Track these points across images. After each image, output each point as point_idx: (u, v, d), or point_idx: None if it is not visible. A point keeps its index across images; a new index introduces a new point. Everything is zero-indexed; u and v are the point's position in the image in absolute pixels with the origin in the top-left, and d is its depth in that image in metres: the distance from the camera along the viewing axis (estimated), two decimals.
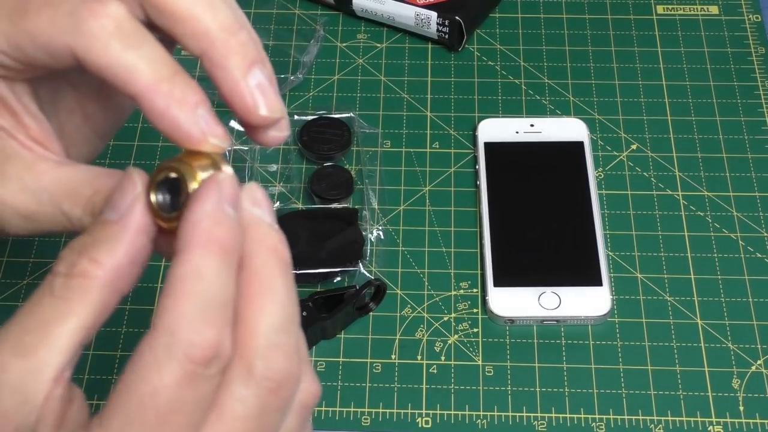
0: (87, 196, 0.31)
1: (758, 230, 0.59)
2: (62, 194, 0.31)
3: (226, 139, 0.30)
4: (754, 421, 0.52)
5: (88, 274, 0.28)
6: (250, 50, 0.31)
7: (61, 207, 0.31)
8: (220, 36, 0.30)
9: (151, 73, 0.29)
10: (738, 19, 0.69)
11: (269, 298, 0.29)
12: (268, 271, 0.29)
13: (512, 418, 0.52)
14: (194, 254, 0.27)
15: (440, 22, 0.65)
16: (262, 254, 0.29)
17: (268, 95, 0.31)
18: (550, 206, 0.59)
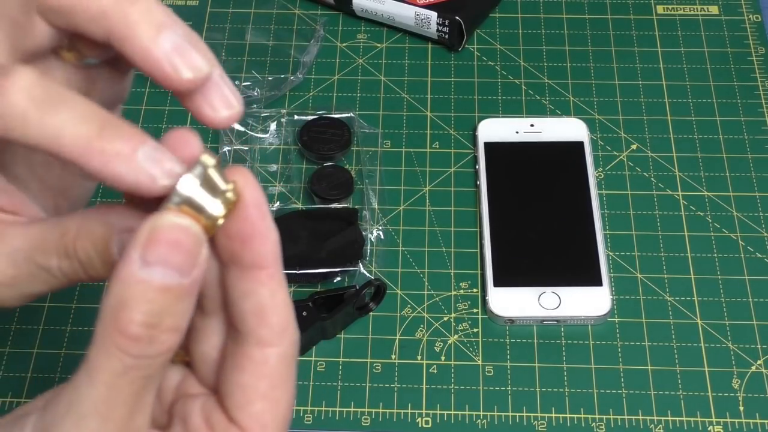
0: (56, 241, 0.30)
1: (758, 230, 0.59)
2: (34, 249, 0.30)
3: (176, 171, 0.28)
4: (754, 421, 0.52)
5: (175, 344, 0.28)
6: (155, 15, 0.28)
7: (36, 261, 0.30)
8: (116, 8, 0.28)
9: (78, 136, 0.27)
10: (738, 19, 0.69)
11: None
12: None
13: (512, 418, 0.52)
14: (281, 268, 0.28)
15: (440, 22, 0.65)
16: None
17: (187, 54, 0.28)
18: (550, 206, 0.59)
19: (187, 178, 0.27)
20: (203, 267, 0.27)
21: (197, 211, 0.27)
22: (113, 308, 0.26)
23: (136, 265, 0.26)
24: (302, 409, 0.53)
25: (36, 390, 0.53)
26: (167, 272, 0.26)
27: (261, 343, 0.29)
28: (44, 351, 0.55)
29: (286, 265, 0.55)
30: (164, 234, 0.26)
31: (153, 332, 0.26)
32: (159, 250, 0.26)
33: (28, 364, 0.54)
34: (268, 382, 0.29)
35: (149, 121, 0.64)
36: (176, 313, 0.27)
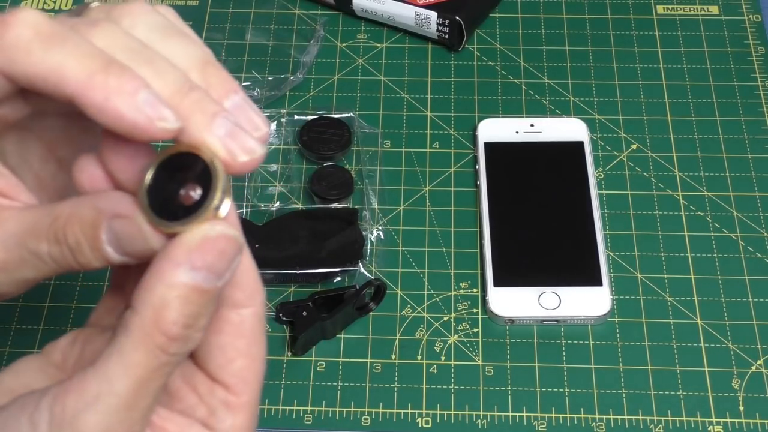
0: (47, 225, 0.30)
1: (758, 230, 0.59)
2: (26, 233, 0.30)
3: (174, 120, 0.28)
4: (754, 421, 0.52)
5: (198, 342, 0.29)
6: (206, 104, 0.29)
7: (27, 246, 0.30)
8: (172, 101, 0.28)
9: (81, 69, 0.27)
10: (738, 19, 0.69)
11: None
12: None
13: (512, 418, 0.52)
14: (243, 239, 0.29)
15: (440, 22, 0.65)
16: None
17: (240, 138, 0.29)
18: (550, 206, 0.59)
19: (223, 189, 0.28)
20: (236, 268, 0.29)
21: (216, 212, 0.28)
22: (155, 309, 0.27)
23: (182, 269, 0.27)
24: (302, 409, 0.53)
25: None
26: (209, 276, 0.28)
27: (236, 306, 0.31)
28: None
29: (286, 265, 0.56)
30: (215, 243, 0.28)
31: (190, 332, 0.28)
32: (207, 258, 0.28)
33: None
34: (246, 341, 0.31)
35: None
36: (208, 312, 0.28)
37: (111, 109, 0.27)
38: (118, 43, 0.29)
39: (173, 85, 0.29)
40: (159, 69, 0.29)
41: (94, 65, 0.28)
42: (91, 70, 0.27)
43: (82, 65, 0.27)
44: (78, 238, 0.29)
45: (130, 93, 0.27)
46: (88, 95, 0.27)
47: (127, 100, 0.27)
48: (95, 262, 0.29)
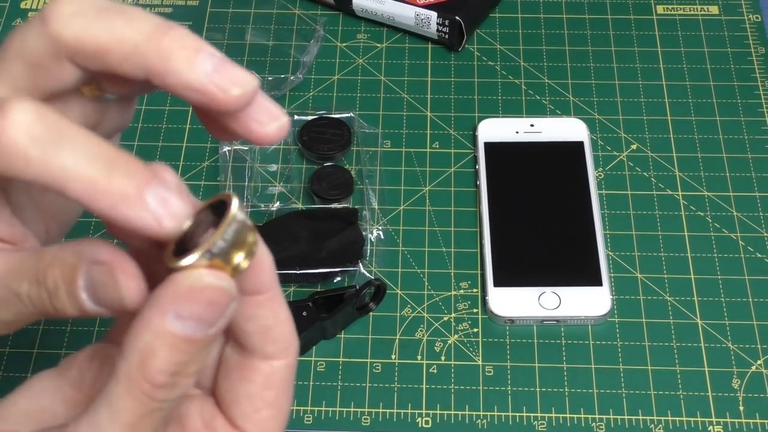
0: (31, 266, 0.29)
1: (758, 230, 0.59)
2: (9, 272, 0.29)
3: (183, 213, 0.27)
4: (754, 421, 0.52)
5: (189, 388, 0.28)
6: (187, 41, 0.28)
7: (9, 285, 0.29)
8: (149, 44, 0.28)
9: (83, 177, 0.26)
10: (738, 19, 0.69)
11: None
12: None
13: (512, 418, 0.52)
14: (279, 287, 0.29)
15: (440, 22, 0.65)
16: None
17: (230, 72, 0.28)
18: (550, 206, 0.59)
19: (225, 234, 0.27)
20: (231, 317, 0.28)
21: (227, 263, 0.27)
22: (141, 356, 0.26)
23: (168, 318, 0.26)
24: (302, 409, 0.53)
25: None
26: (198, 326, 0.27)
27: (267, 357, 0.30)
28: (44, 351, 0.55)
29: (286, 265, 0.56)
30: (203, 294, 0.26)
31: (177, 379, 0.27)
32: (194, 308, 0.26)
33: (28, 364, 0.54)
34: (275, 392, 0.31)
35: (149, 121, 0.64)
36: (199, 360, 0.27)
37: (119, 216, 0.26)
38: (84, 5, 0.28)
39: (149, 26, 0.28)
40: (131, 16, 0.28)
41: (96, 170, 0.26)
42: (94, 177, 0.26)
43: (83, 172, 0.26)
44: (56, 281, 0.28)
45: (135, 196, 0.26)
46: (94, 203, 0.26)
47: (132, 206, 0.26)
48: (70, 308, 0.28)
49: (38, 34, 0.28)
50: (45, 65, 0.29)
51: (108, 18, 0.28)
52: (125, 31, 0.28)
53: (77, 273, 0.28)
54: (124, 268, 0.28)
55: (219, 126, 0.30)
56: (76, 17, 0.28)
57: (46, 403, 0.31)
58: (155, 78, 0.28)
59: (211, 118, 0.30)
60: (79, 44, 0.28)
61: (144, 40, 0.28)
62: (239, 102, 0.28)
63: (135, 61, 0.28)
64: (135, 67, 0.28)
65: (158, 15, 0.29)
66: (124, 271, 0.27)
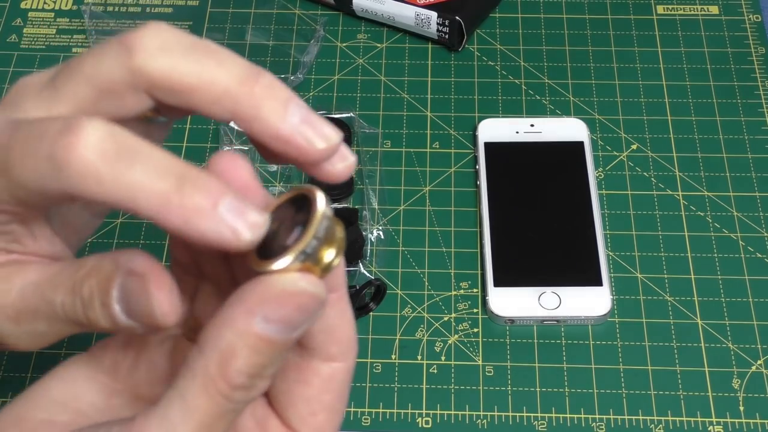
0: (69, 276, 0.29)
1: (758, 230, 0.59)
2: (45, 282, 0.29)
3: (261, 223, 0.26)
4: (754, 421, 0.52)
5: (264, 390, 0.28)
6: (278, 91, 0.28)
7: (44, 294, 0.29)
8: (242, 89, 0.28)
9: (154, 192, 0.26)
10: (738, 19, 0.69)
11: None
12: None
13: (512, 418, 0.52)
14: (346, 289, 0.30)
15: (440, 22, 0.65)
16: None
17: (317, 125, 0.28)
18: (550, 206, 0.59)
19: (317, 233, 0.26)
20: (316, 320, 0.27)
21: (315, 263, 0.27)
22: (222, 355, 0.26)
23: (255, 320, 0.26)
24: None
25: None
26: (283, 328, 0.26)
27: (329, 359, 0.30)
28: (44, 351, 0.55)
29: None
30: (295, 299, 0.26)
31: (255, 381, 0.27)
32: (284, 312, 0.26)
33: (28, 364, 0.54)
34: (333, 396, 0.30)
35: None
36: (279, 362, 0.27)
37: (192, 230, 0.26)
38: (172, 41, 0.28)
39: (241, 71, 0.28)
40: (221, 58, 0.28)
41: (167, 184, 0.26)
42: (165, 191, 0.26)
43: (154, 188, 0.26)
44: (92, 291, 0.28)
45: (209, 210, 0.26)
46: (166, 219, 0.26)
47: (206, 219, 0.26)
48: (103, 320, 0.28)
49: (118, 62, 0.28)
50: (117, 93, 0.28)
51: (198, 58, 0.28)
52: (216, 74, 0.28)
53: (112, 283, 0.27)
54: (159, 280, 0.27)
55: (273, 153, 0.29)
56: (164, 52, 0.28)
57: (80, 392, 0.31)
58: (241, 123, 0.28)
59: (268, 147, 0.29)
60: (165, 81, 0.28)
61: (235, 84, 0.28)
62: (323, 155, 0.28)
63: (223, 105, 0.28)
64: (222, 110, 0.28)
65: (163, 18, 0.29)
66: (157, 284, 0.27)
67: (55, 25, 0.70)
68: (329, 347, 0.30)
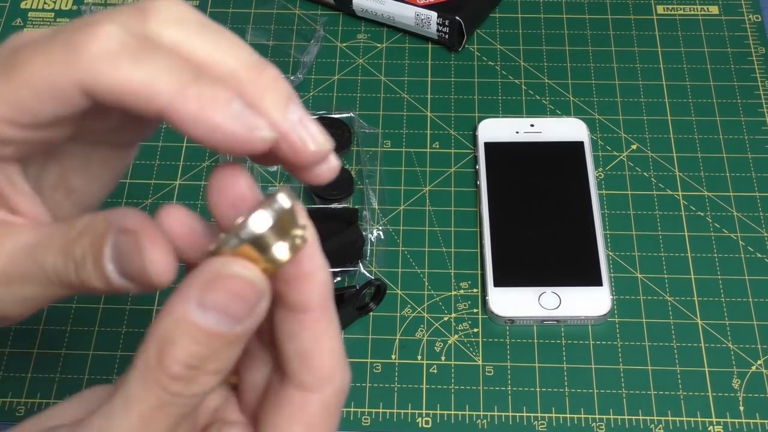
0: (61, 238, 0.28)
1: (758, 230, 0.59)
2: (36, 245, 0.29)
3: (270, 129, 0.26)
4: (754, 421, 0.52)
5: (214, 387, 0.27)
6: (282, 85, 0.28)
7: (35, 257, 0.28)
8: (248, 75, 0.27)
9: (173, 81, 0.26)
10: (738, 19, 0.69)
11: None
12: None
13: (512, 418, 0.52)
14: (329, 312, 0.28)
15: (440, 22, 0.65)
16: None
17: (311, 128, 0.28)
18: (550, 206, 0.59)
19: (261, 215, 0.26)
20: (260, 317, 0.26)
21: (261, 252, 0.26)
22: (159, 343, 0.26)
23: (191, 305, 0.25)
24: None
25: (36, 390, 0.53)
26: (222, 319, 0.25)
27: (302, 387, 0.28)
28: (44, 351, 0.55)
29: None
30: (227, 283, 0.25)
31: (194, 373, 0.26)
32: (218, 297, 0.25)
33: (28, 364, 0.54)
34: (303, 428, 0.28)
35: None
36: (222, 358, 0.26)
37: (207, 120, 0.26)
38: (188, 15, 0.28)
39: (248, 60, 0.28)
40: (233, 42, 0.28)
41: (185, 77, 0.26)
42: (183, 81, 0.26)
43: (173, 77, 0.26)
44: (84, 251, 0.27)
45: (225, 102, 0.26)
46: (181, 107, 0.26)
47: (222, 110, 0.26)
48: (96, 280, 0.27)
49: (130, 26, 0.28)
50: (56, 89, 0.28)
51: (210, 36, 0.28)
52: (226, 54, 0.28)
53: (105, 242, 0.27)
54: (152, 237, 0.26)
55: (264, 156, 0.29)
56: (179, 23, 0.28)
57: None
58: None
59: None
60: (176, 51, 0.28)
61: (243, 68, 0.28)
62: (313, 159, 0.28)
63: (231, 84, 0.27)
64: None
65: None
66: (151, 241, 0.26)
67: (55, 25, 0.70)
68: (302, 374, 0.28)
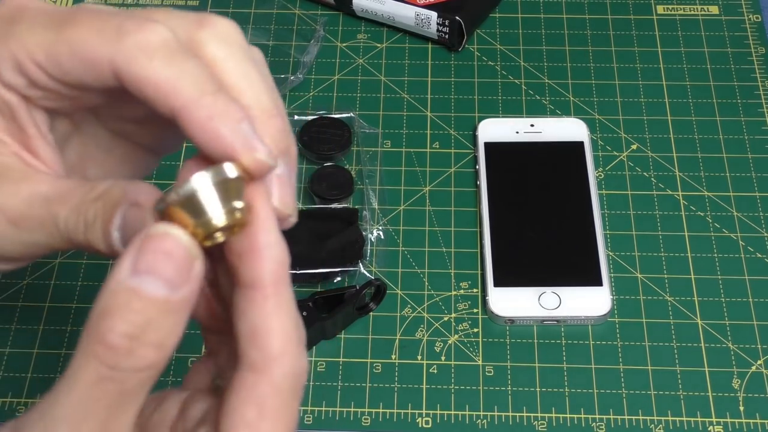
0: (80, 196, 0.29)
1: (758, 230, 0.59)
2: (54, 197, 0.30)
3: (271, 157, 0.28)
4: (754, 421, 0.52)
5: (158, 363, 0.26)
6: (282, 138, 0.30)
7: (50, 207, 0.30)
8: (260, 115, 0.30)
9: (194, 88, 0.28)
10: (738, 19, 0.69)
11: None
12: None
13: (512, 418, 0.52)
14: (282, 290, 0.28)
15: (440, 22, 0.65)
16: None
17: (285, 189, 0.30)
18: (550, 206, 0.59)
19: (201, 174, 0.26)
20: (195, 284, 0.26)
21: (195, 215, 0.26)
22: (97, 314, 0.25)
23: (125, 273, 0.25)
24: (302, 409, 0.53)
25: (36, 390, 0.53)
26: (156, 284, 0.25)
27: (252, 368, 0.27)
28: (44, 351, 0.55)
29: None
30: (155, 242, 0.26)
31: (133, 344, 0.25)
32: (148, 259, 0.25)
33: (28, 364, 0.54)
34: (256, 412, 0.27)
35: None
36: (161, 328, 0.26)
37: (212, 128, 0.28)
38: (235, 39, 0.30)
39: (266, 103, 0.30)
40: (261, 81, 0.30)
41: (207, 87, 0.28)
42: (203, 90, 0.28)
43: (195, 85, 0.28)
44: (95, 214, 0.29)
45: (235, 120, 0.28)
46: (193, 112, 0.28)
47: (229, 124, 0.28)
48: (100, 243, 0.29)
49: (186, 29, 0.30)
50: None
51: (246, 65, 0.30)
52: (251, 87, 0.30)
53: (116, 209, 0.28)
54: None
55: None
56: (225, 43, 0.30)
57: None
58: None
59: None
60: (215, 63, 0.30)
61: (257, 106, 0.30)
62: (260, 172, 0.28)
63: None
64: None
65: None
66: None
67: None
68: (251, 353, 0.27)
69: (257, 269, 0.28)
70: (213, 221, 0.27)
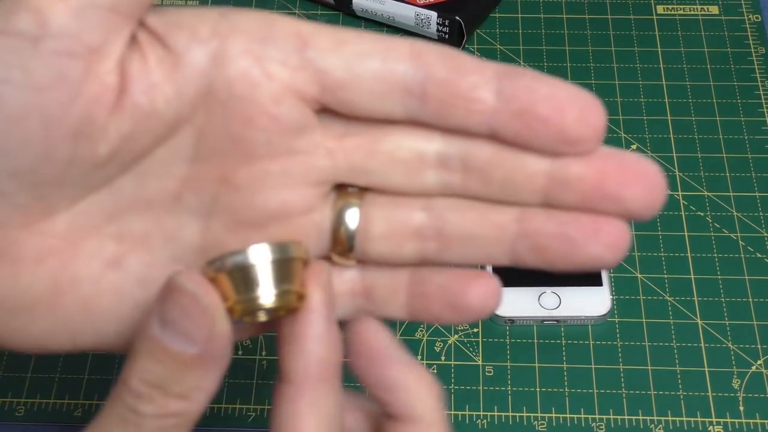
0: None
1: (758, 230, 0.59)
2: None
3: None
4: (754, 421, 0.52)
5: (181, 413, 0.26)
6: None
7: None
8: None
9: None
10: (738, 19, 0.69)
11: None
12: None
13: (512, 418, 0.52)
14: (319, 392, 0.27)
15: (440, 22, 0.65)
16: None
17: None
18: None
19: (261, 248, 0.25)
20: (221, 342, 0.25)
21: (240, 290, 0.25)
22: (130, 355, 0.26)
23: (155, 322, 0.25)
24: None
25: (36, 390, 0.53)
26: (177, 337, 0.25)
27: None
28: None
29: None
30: (177, 297, 0.25)
31: (153, 392, 0.25)
32: (171, 311, 0.25)
33: (28, 364, 0.54)
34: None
35: None
36: (184, 382, 0.25)
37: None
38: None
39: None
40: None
41: None
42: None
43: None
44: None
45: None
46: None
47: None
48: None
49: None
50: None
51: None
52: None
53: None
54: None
55: None
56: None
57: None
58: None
59: None
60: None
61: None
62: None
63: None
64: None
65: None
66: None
67: None
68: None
69: (294, 361, 0.27)
70: (259, 300, 0.25)
